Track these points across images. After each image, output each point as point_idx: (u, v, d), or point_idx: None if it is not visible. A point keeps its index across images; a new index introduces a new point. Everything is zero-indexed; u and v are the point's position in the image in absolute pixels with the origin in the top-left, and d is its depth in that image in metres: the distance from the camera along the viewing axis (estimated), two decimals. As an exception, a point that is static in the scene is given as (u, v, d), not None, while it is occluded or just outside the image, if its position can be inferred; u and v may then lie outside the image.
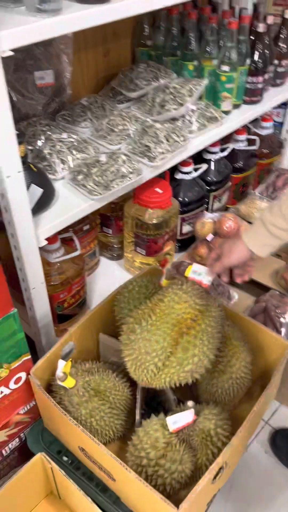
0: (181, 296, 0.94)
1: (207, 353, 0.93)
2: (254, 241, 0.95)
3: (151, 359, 0.92)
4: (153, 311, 0.96)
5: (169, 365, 0.92)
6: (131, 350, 0.95)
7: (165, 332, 0.92)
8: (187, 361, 0.91)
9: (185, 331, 0.92)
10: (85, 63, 1.46)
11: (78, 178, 1.11)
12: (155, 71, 1.41)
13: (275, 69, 1.60)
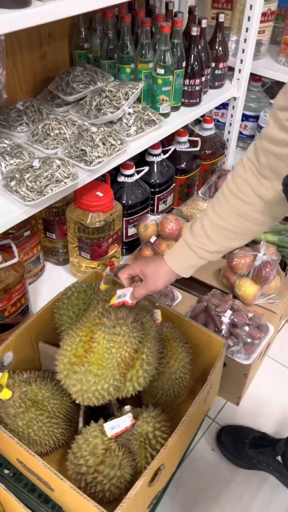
0: (115, 340, 0.92)
1: (152, 366, 0.97)
2: (180, 265, 0.92)
3: (101, 392, 0.92)
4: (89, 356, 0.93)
5: (119, 389, 0.94)
6: (75, 381, 0.92)
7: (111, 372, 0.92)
8: (138, 381, 0.94)
9: (130, 364, 0.94)
10: (21, 66, 1.43)
11: (11, 184, 1.09)
12: (92, 74, 1.40)
13: (213, 72, 1.63)
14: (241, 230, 0.84)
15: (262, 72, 1.86)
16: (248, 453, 1.20)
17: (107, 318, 0.94)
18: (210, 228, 0.86)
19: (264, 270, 1.31)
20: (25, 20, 0.86)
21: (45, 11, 0.89)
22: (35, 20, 0.88)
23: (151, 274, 0.93)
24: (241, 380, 1.28)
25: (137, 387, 0.95)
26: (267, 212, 0.81)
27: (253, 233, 0.86)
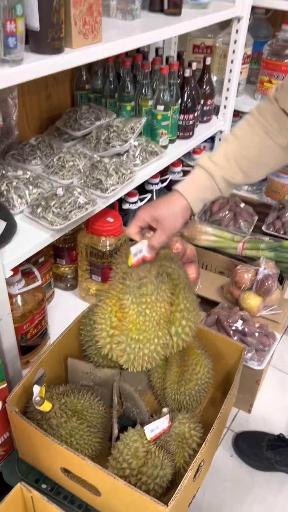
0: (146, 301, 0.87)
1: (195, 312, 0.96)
2: (196, 196, 0.85)
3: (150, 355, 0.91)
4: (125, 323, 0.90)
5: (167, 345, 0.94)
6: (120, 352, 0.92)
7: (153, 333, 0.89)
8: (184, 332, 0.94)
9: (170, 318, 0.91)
10: (29, 106, 1.55)
11: (38, 211, 1.17)
12: (97, 112, 1.53)
13: (202, 108, 1.79)
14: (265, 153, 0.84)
15: (242, 107, 2.05)
16: (266, 455, 1.27)
17: (130, 280, 0.89)
18: (232, 157, 0.83)
19: (266, 282, 1.42)
20: (61, 64, 0.98)
21: (75, 57, 1.01)
22: (67, 64, 1.00)
23: (166, 216, 0.85)
24: (253, 387, 1.37)
25: (185, 338, 0.93)
26: None
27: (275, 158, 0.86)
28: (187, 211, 0.87)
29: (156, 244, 0.87)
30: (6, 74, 0.86)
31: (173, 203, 0.86)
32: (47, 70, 0.95)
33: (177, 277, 0.94)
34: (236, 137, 0.86)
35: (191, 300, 0.94)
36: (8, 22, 0.81)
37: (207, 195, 0.87)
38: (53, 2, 0.90)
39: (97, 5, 1.01)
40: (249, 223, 1.73)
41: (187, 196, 0.85)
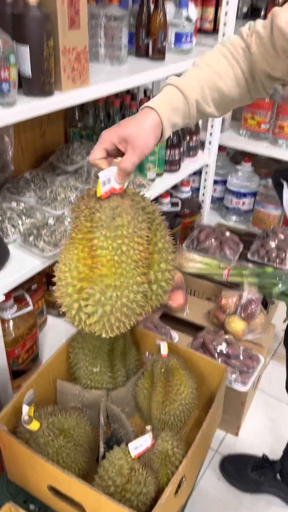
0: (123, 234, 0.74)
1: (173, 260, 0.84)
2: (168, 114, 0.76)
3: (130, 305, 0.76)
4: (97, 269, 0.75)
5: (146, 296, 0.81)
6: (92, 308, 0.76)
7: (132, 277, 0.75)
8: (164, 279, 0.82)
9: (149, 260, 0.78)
10: (25, 143, 1.65)
11: (30, 239, 1.25)
12: (88, 148, 1.63)
13: (188, 144, 1.90)
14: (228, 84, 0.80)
15: (228, 143, 2.17)
16: (251, 476, 1.29)
17: (101, 212, 0.75)
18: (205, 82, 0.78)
19: (250, 307, 1.48)
20: (50, 106, 1.07)
21: (64, 99, 1.11)
22: (57, 106, 1.10)
23: (136, 133, 0.73)
24: (239, 409, 1.40)
25: (165, 286, 0.80)
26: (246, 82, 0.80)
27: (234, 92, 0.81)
28: (158, 128, 0.75)
29: (128, 166, 0.74)
30: (0, 116, 0.95)
31: (143, 119, 0.74)
32: (37, 111, 1.04)
33: (152, 211, 0.81)
34: (210, 66, 0.79)
35: (168, 240, 0.81)
36: (2, 70, 0.91)
37: (178, 119, 0.78)
38: (43, 52, 1.00)
39: (85, 53, 1.12)
40: (234, 251, 1.81)
41: (159, 110, 0.75)
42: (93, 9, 1.39)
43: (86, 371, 1.21)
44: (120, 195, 0.78)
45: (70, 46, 1.08)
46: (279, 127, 2.04)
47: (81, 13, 1.07)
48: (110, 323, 0.76)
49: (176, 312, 1.65)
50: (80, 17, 1.07)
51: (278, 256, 1.77)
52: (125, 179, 0.77)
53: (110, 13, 1.35)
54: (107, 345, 1.22)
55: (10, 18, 1.00)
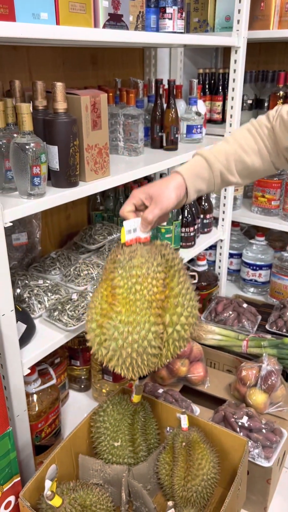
0: (136, 273, 0.80)
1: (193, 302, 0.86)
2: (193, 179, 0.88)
3: (141, 343, 0.80)
4: (116, 307, 0.82)
5: (161, 337, 0.82)
6: (108, 342, 0.82)
7: (145, 315, 0.80)
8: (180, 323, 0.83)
9: (164, 304, 0.82)
10: (51, 225, 1.80)
11: (54, 314, 1.33)
12: (109, 228, 1.76)
13: (202, 221, 2.03)
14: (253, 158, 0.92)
15: (240, 219, 2.29)
16: None
17: (121, 254, 0.84)
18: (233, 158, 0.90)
19: (270, 378, 1.49)
20: (75, 195, 1.21)
21: (88, 188, 1.25)
22: (81, 194, 1.23)
23: (159, 191, 0.85)
24: (265, 487, 1.35)
25: (181, 332, 0.81)
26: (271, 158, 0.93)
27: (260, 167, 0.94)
28: (181, 188, 0.87)
29: (150, 217, 0.85)
30: (32, 205, 1.08)
31: (169, 180, 0.88)
32: (64, 200, 1.17)
33: (171, 259, 0.86)
34: (237, 141, 0.93)
35: (187, 287, 0.84)
36: (34, 167, 1.06)
37: (203, 185, 0.90)
38: (70, 150, 1.15)
39: (105, 149, 1.28)
40: (252, 322, 1.84)
41: (185, 176, 0.87)
42: (113, 109, 1.59)
43: (107, 445, 1.22)
44: (144, 243, 0.87)
45: (93, 144, 1.23)
46: (289, 203, 2.16)
47: (102, 117, 1.24)
48: (123, 359, 0.80)
49: (196, 385, 1.66)
50: (102, 120, 1.24)
51: (296, 326, 1.80)
52: (148, 228, 0.87)
53: (127, 112, 1.54)
54: (128, 419, 1.24)
55: (41, 123, 1.17)
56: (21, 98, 1.22)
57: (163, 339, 0.83)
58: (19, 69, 1.50)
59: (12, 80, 1.21)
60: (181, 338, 0.84)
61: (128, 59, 1.97)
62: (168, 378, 1.63)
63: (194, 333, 0.87)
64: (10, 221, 1.03)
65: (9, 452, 1.01)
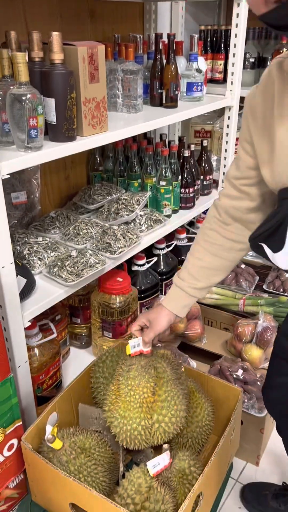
0: (131, 385, 1.10)
1: (179, 406, 1.11)
2: (176, 306, 1.12)
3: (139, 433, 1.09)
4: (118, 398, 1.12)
5: (155, 430, 1.10)
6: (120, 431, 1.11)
7: (136, 415, 1.09)
8: (168, 424, 1.09)
9: (151, 406, 1.10)
10: (50, 185, 1.80)
11: (54, 270, 1.35)
12: (108, 188, 1.76)
13: (202, 183, 2.02)
14: (217, 266, 1.09)
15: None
16: (271, 504, 1.28)
17: (124, 365, 1.14)
18: (194, 270, 1.09)
19: (266, 334, 1.52)
20: (73, 149, 1.20)
21: (85, 143, 1.24)
22: (78, 149, 1.22)
23: (154, 319, 1.14)
24: (258, 437, 1.41)
25: (165, 428, 1.08)
26: (234, 248, 1.07)
27: (226, 267, 1.10)
28: (170, 316, 1.14)
29: (146, 338, 1.14)
30: (29, 158, 1.08)
31: (160, 311, 1.15)
32: (61, 154, 1.17)
33: (162, 372, 1.13)
34: (193, 256, 1.12)
35: (173, 395, 1.10)
36: (31, 119, 1.05)
37: (186, 302, 1.13)
38: (67, 103, 1.14)
39: (103, 103, 1.27)
40: (250, 282, 1.87)
41: (168, 307, 1.14)
42: (111, 64, 1.56)
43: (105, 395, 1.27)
44: (145, 356, 1.15)
45: (90, 97, 1.22)
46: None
47: (99, 69, 1.22)
48: (122, 438, 1.11)
49: (194, 341, 1.70)
50: (99, 73, 1.22)
51: (293, 287, 1.82)
52: (147, 346, 1.15)
53: (126, 68, 1.51)
54: (126, 370, 1.28)
55: (38, 75, 1.15)
56: (17, 49, 1.20)
57: (152, 431, 1.10)
58: (14, 21, 1.46)
59: (7, 30, 1.19)
60: (165, 432, 1.10)
61: (128, 13, 1.91)
62: (166, 335, 1.67)
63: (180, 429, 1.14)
64: (7, 173, 1.03)
65: (10, 398, 1.05)
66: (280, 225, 0.84)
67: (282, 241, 0.84)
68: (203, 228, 1.11)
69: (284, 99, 0.82)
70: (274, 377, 1.10)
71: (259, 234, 0.89)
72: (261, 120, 0.88)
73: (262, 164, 0.89)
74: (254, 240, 0.91)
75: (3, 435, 1.06)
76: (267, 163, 0.87)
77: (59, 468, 1.04)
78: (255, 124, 0.90)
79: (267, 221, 0.88)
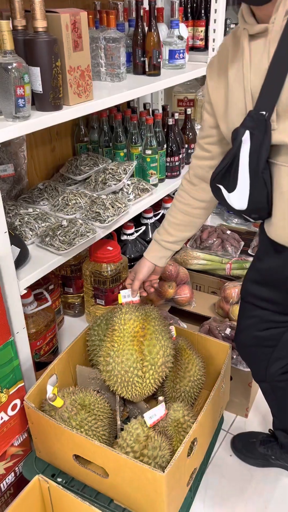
0: (124, 319, 1.21)
1: (166, 343, 1.19)
2: (153, 256, 1.28)
3: (131, 373, 1.15)
4: (113, 341, 1.20)
5: (146, 370, 1.15)
6: (114, 377, 1.18)
7: (129, 349, 1.17)
8: (158, 357, 1.15)
9: (142, 340, 1.18)
10: (37, 158, 1.80)
11: (46, 240, 1.38)
12: (95, 159, 1.78)
13: (187, 151, 2.04)
14: (187, 222, 1.23)
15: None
16: (260, 450, 1.38)
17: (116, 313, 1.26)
18: (168, 225, 1.25)
19: (251, 295, 1.59)
20: (59, 118, 1.22)
21: (71, 112, 1.25)
22: (65, 117, 1.24)
23: (137, 269, 1.30)
24: (247, 390, 1.49)
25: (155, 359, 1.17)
26: (200, 206, 1.20)
27: (195, 223, 1.24)
28: (150, 265, 1.29)
29: (134, 286, 1.29)
30: (18, 127, 1.10)
31: (141, 262, 1.31)
32: (49, 123, 1.19)
33: (150, 311, 1.26)
34: (169, 214, 1.27)
35: (160, 329, 1.21)
36: (18, 88, 1.06)
37: (162, 254, 1.28)
38: (52, 71, 1.15)
39: (88, 71, 1.28)
40: (236, 248, 1.93)
41: (148, 258, 1.30)
42: (93, 33, 1.55)
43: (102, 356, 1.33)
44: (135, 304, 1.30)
45: (75, 66, 1.23)
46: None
47: (83, 37, 1.22)
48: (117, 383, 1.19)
49: (183, 305, 1.76)
50: (83, 40, 1.23)
51: (277, 250, 1.88)
52: (135, 294, 1.29)
53: (108, 36, 1.51)
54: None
55: (21, 43, 1.15)
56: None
57: (144, 365, 1.17)
58: (-7, -10, 1.44)
59: (-12, -1, 1.18)
60: (155, 364, 1.18)
61: (107, -20, 1.89)
62: (157, 300, 1.73)
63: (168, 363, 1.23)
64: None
65: (12, 360, 1.10)
66: (232, 163, 0.93)
67: (235, 180, 0.94)
68: (178, 189, 1.25)
69: (235, 58, 0.93)
70: (241, 320, 1.21)
71: (216, 174, 0.99)
72: (217, 77, 1.00)
73: (219, 119, 1.01)
74: (213, 182, 1.01)
75: (7, 396, 1.11)
76: (223, 117, 0.99)
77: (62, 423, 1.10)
78: (212, 83, 1.02)
79: (221, 161, 0.97)
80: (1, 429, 1.13)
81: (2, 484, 1.20)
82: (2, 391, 1.09)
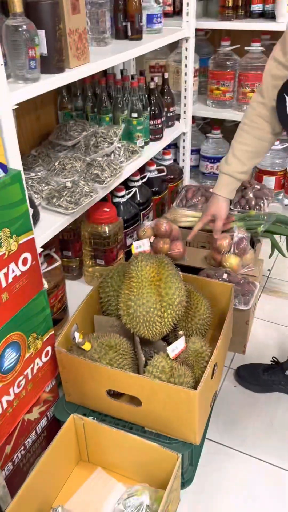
0: (141, 266, 1.31)
1: (180, 285, 1.30)
2: (228, 191, 1.37)
3: (152, 313, 1.25)
4: (131, 287, 1.29)
5: (164, 310, 1.26)
6: (136, 319, 1.27)
7: (148, 292, 1.26)
8: (174, 297, 1.26)
9: (158, 283, 1.28)
10: (23, 126, 1.83)
11: (53, 201, 1.44)
12: (82, 125, 1.83)
13: (166, 114, 2.13)
14: (259, 149, 1.30)
15: (197, 113, 2.42)
16: (263, 377, 1.54)
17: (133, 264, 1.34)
18: (240, 155, 1.31)
19: (241, 244, 1.73)
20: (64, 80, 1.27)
21: (73, 74, 1.31)
22: (69, 79, 1.29)
23: (216, 210, 1.44)
24: (244, 328, 1.65)
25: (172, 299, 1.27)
26: (272, 131, 1.28)
27: (265, 149, 1.32)
28: (227, 201, 1.43)
29: (217, 227, 1.49)
30: (31, 88, 1.14)
31: (216, 202, 1.44)
32: (55, 85, 1.24)
33: (162, 259, 1.34)
34: (238, 142, 1.33)
35: (173, 273, 1.31)
36: (30, 50, 1.11)
37: (234, 185, 1.38)
38: (56, 33, 1.20)
39: (85, 34, 1.33)
40: (219, 204, 2.05)
41: (223, 194, 1.42)
42: (78, -2, 1.58)
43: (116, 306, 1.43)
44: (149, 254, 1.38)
45: (74, 28, 1.28)
46: (242, 93, 2.30)
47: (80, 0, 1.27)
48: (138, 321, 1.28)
49: (177, 260, 1.87)
50: (80, 3, 1.27)
51: (256, 203, 2.03)
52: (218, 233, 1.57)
53: (94, 0, 1.55)
54: (132, 281, 1.44)
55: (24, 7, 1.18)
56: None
57: (162, 305, 1.27)
58: None
59: None
60: (172, 304, 1.27)
61: None
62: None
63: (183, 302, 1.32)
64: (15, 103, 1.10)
65: (44, 309, 1.17)
66: None
67: None
68: (249, 115, 1.30)
69: None
70: None
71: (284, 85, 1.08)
72: None
73: None
74: (280, 92, 1.09)
75: (41, 342, 1.19)
76: None
77: (93, 363, 1.20)
78: None
79: None
80: (37, 375, 1.21)
81: (37, 427, 1.29)
82: (38, 337, 1.17)
